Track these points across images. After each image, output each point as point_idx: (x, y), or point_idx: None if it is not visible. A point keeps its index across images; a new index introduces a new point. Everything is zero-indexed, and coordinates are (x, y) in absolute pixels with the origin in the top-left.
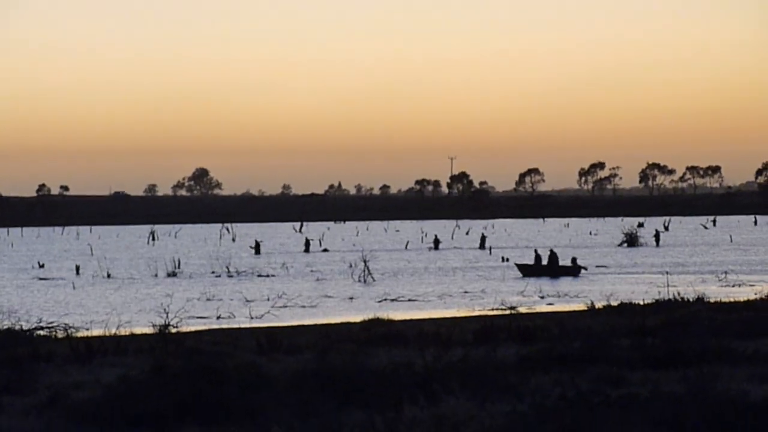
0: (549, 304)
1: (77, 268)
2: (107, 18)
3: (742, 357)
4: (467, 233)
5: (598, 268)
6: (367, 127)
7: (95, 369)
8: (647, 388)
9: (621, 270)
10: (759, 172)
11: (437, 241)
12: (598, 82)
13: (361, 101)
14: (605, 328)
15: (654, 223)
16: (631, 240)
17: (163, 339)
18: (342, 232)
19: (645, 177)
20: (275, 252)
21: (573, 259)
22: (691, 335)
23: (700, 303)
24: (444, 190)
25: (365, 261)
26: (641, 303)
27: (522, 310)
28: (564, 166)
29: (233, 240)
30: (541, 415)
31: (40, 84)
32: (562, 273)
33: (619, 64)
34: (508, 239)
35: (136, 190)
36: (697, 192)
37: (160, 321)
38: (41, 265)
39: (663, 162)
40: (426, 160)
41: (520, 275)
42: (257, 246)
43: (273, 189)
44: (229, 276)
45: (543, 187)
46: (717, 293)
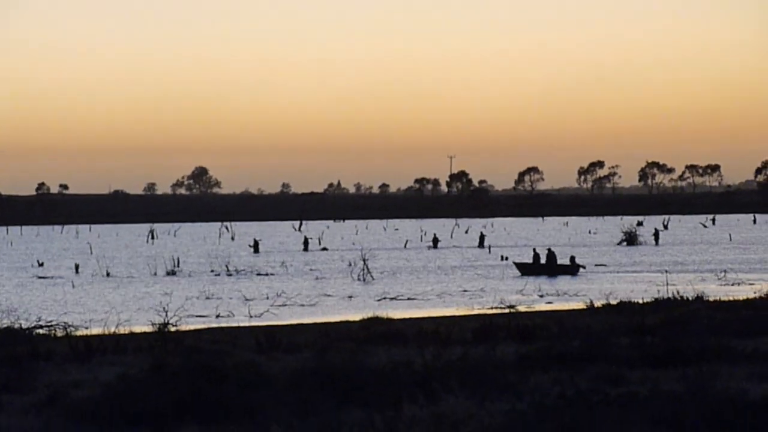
0: (548, 302)
1: (76, 266)
2: (107, 18)
3: (741, 356)
4: (466, 232)
5: (597, 266)
6: (367, 126)
7: (94, 368)
8: (646, 386)
9: (620, 269)
10: (758, 170)
11: (436, 240)
12: (597, 81)
13: (361, 100)
14: (604, 326)
15: (653, 222)
16: (631, 239)
17: (162, 338)
18: (341, 230)
19: (644, 176)
20: (274, 251)
21: (571, 258)
22: (691, 334)
23: (699, 302)
24: (443, 188)
25: (364, 260)
26: (640, 302)
27: (521, 308)
28: (563, 164)
29: (232, 239)
30: (541, 414)
31: (39, 83)
32: (560, 272)
33: (619, 63)
34: (507, 238)
35: (135, 188)
36: (697, 191)
37: (159, 320)
38: (40, 264)
39: (662, 161)
40: (425, 158)
41: (518, 274)
42: (256, 245)
43: (272, 188)
44: (228, 275)
45: (542, 186)
46: (716, 292)
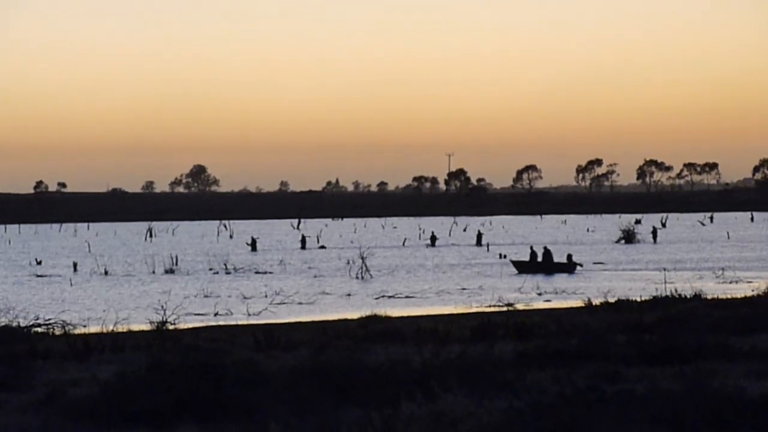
0: (546, 300)
1: (74, 265)
2: (106, 18)
3: (738, 353)
4: (464, 230)
5: (595, 264)
6: (365, 124)
7: (92, 366)
8: (644, 384)
9: (618, 267)
10: (756, 168)
11: (434, 238)
12: (595, 80)
13: (359, 98)
14: (602, 324)
15: (651, 220)
16: (629, 237)
17: (161, 336)
18: (339, 228)
19: (642, 174)
20: (272, 249)
21: (568, 256)
22: (688, 331)
23: (697, 299)
24: (441, 186)
25: (363, 258)
26: (638, 299)
27: (519, 306)
28: (561, 162)
29: (231, 237)
30: (538, 412)
31: (38, 82)
32: (557, 270)
33: (618, 62)
34: (505, 236)
35: (133, 186)
36: (695, 189)
37: (157, 318)
38: (39, 262)
39: (660, 159)
40: (423, 157)
41: (515, 272)
42: (253, 243)
43: (270, 186)
44: (227, 273)
45: (540, 184)
46: (714, 290)
